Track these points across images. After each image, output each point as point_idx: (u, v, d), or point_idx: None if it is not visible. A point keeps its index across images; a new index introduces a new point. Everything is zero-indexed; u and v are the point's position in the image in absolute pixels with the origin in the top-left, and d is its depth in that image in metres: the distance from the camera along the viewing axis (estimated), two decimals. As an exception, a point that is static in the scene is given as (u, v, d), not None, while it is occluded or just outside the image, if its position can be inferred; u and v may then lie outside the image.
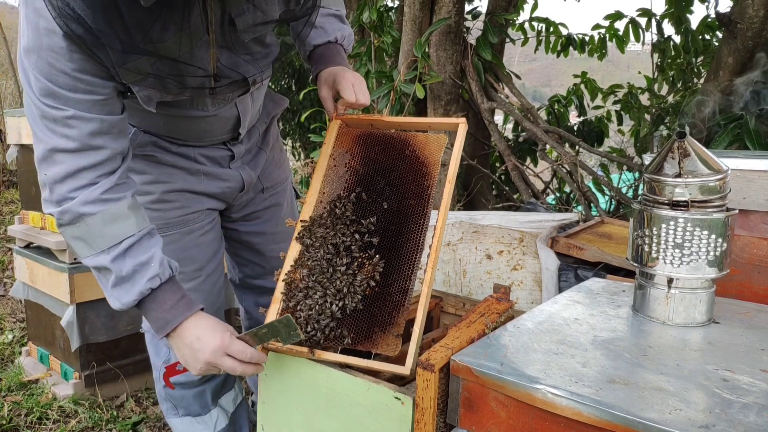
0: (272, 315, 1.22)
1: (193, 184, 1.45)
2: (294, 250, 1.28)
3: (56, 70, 1.05)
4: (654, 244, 1.07)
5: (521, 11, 4.37)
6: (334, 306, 1.17)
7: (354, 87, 1.33)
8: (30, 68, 1.08)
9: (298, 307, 1.21)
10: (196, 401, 1.62)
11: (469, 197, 3.73)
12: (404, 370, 1.06)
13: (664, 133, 3.69)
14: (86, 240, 1.15)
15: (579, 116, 4.25)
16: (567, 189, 3.73)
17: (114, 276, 1.15)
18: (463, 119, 1.29)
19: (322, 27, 1.43)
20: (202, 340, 1.15)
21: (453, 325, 1.17)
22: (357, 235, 1.24)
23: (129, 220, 1.16)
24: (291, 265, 1.26)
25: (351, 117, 1.38)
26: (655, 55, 3.95)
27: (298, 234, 1.29)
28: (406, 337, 1.13)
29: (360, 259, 1.22)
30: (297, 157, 6.38)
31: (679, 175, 1.05)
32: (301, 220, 1.30)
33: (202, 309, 1.21)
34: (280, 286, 1.25)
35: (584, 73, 4.39)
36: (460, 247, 2.21)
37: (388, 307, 1.17)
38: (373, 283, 1.19)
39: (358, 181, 1.30)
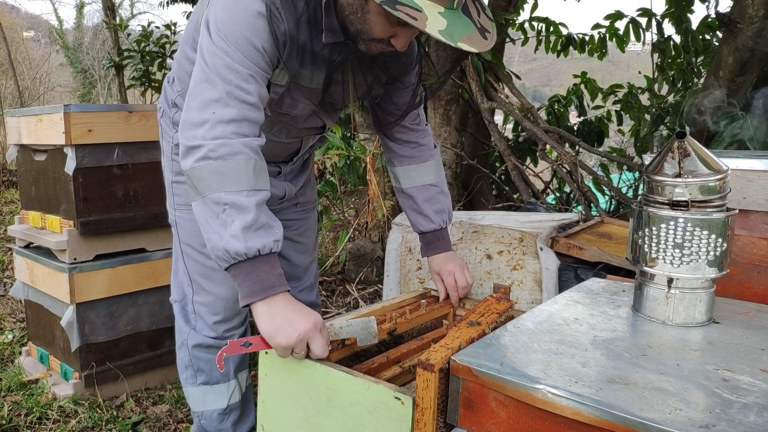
0: None
1: None
2: None
3: (248, 43, 1.24)
4: (654, 244, 1.07)
5: (521, 11, 4.37)
6: None
7: (455, 276, 1.61)
8: (221, 34, 1.24)
9: None
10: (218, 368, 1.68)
11: (469, 197, 3.73)
12: None
13: (664, 133, 3.69)
14: (230, 177, 1.19)
15: (579, 116, 4.25)
16: (567, 189, 3.73)
17: (252, 218, 1.18)
18: (449, 307, 1.60)
19: (427, 216, 1.67)
20: (301, 314, 1.19)
21: (453, 325, 1.17)
22: None
23: (267, 178, 1.27)
24: None
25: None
26: (655, 55, 3.95)
27: None
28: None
29: None
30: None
31: (679, 175, 1.05)
32: None
33: None
34: None
35: (584, 73, 4.39)
36: (460, 247, 2.21)
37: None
38: None
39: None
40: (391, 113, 1.64)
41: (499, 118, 3.95)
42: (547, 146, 3.52)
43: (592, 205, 3.24)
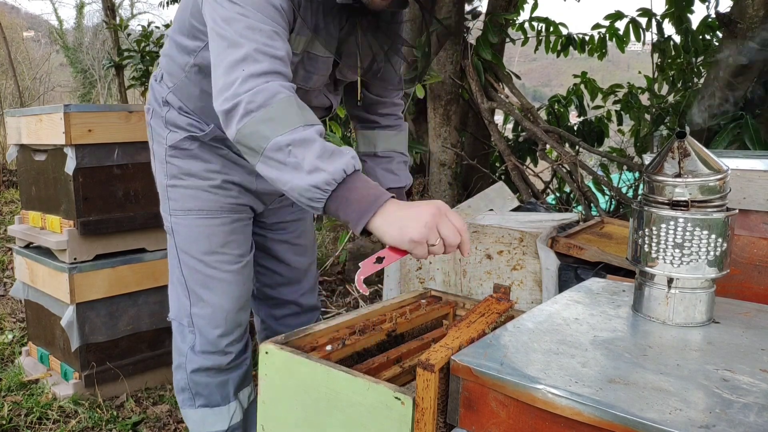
0: None
1: (248, 182, 1.61)
2: None
3: (265, 1, 1.20)
4: (654, 244, 1.07)
5: (521, 11, 4.37)
6: None
7: None
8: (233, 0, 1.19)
9: None
10: (218, 390, 1.62)
11: (469, 197, 3.73)
12: None
13: (664, 133, 3.69)
14: (280, 119, 1.12)
15: (579, 116, 4.25)
16: (567, 189, 3.73)
17: (320, 146, 1.10)
18: (449, 307, 1.54)
19: (397, 174, 1.69)
20: (420, 205, 1.10)
21: (453, 325, 1.17)
22: None
23: (313, 114, 1.18)
24: None
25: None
26: (655, 55, 3.96)
27: None
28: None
29: None
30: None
31: (679, 175, 1.05)
32: None
33: None
34: None
35: (584, 73, 4.39)
36: (460, 247, 2.21)
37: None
38: None
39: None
40: (384, 90, 1.63)
41: (499, 118, 3.95)
42: (547, 146, 3.52)
43: (592, 205, 3.24)
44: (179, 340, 1.63)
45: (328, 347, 1.26)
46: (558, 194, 3.84)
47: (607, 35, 4.08)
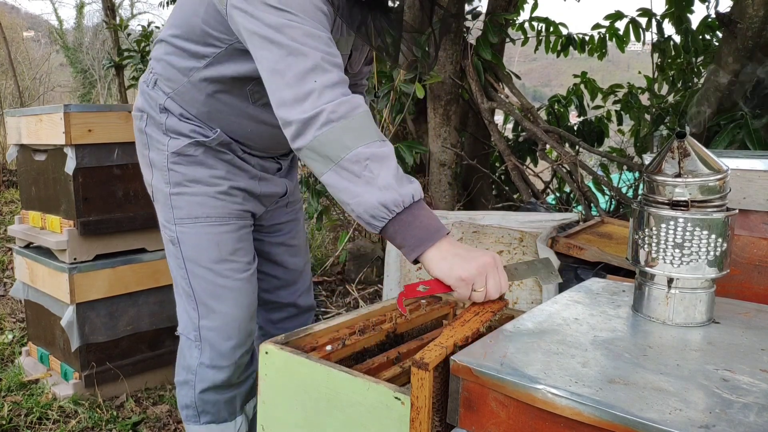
0: None
1: (252, 186, 1.59)
2: None
3: (314, 7, 1.18)
4: (654, 244, 1.07)
5: (521, 11, 4.37)
6: None
7: None
8: (280, 5, 1.16)
9: None
10: (226, 407, 1.59)
11: (469, 197, 3.73)
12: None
13: (664, 133, 3.69)
14: (360, 131, 1.13)
15: (579, 116, 4.25)
16: (567, 189, 3.73)
17: (395, 165, 1.11)
18: (449, 307, 1.51)
19: None
20: (476, 250, 1.13)
21: (448, 324, 1.17)
22: None
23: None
24: None
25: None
26: (655, 55, 3.95)
27: None
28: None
29: None
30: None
31: (679, 175, 1.05)
32: None
33: None
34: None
35: (584, 73, 4.39)
36: (460, 247, 2.21)
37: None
38: None
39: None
40: (359, 75, 1.64)
41: (499, 118, 3.95)
42: (547, 146, 3.52)
43: (592, 205, 3.24)
44: (187, 356, 1.58)
45: (328, 347, 1.26)
46: (558, 194, 3.83)
47: (607, 35, 4.08)
